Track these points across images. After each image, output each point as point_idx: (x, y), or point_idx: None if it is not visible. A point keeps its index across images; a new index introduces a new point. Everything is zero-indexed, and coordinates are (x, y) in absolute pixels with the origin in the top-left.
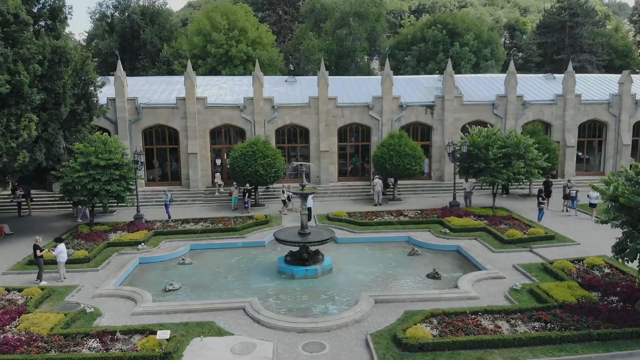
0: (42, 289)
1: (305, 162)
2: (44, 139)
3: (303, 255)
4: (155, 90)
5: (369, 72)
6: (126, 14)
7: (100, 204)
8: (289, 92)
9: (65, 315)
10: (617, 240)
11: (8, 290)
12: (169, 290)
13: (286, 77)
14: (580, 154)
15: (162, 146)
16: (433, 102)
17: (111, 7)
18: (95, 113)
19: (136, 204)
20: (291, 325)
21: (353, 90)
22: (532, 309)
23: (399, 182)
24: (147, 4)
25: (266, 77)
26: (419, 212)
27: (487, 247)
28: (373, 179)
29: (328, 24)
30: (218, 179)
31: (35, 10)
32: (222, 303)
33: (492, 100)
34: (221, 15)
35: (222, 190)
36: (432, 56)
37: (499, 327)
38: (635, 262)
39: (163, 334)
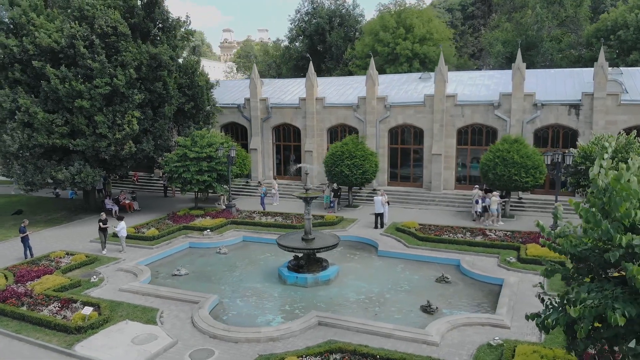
0: (87, 256)
1: (308, 164)
2: (152, 132)
3: (300, 262)
4: (289, 91)
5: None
6: (314, 20)
7: (197, 191)
8: (417, 89)
9: (70, 280)
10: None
11: (67, 254)
12: (175, 275)
13: (421, 73)
14: None
15: (288, 143)
16: (579, 100)
17: (305, 13)
18: (212, 110)
19: (228, 194)
20: (208, 329)
21: (484, 86)
22: None
23: (529, 196)
24: (334, 8)
25: (399, 75)
26: (509, 234)
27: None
28: (473, 189)
29: (519, 13)
30: None
31: (151, 24)
32: (184, 295)
33: None
34: (391, 14)
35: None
36: (635, 45)
37: None
38: None
39: (86, 311)
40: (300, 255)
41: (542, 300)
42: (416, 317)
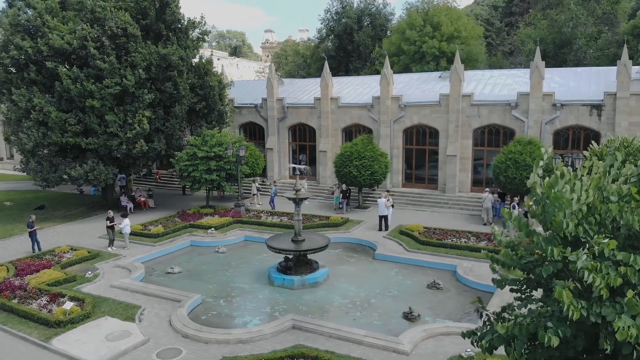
0: (89, 252)
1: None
2: (164, 131)
3: (289, 264)
4: (308, 91)
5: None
6: (343, 19)
7: (207, 189)
8: (435, 89)
9: (66, 275)
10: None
11: (71, 249)
12: (168, 272)
13: (440, 72)
14: None
15: (303, 143)
16: (601, 100)
17: (334, 13)
18: (224, 110)
19: (238, 193)
20: (182, 328)
21: (505, 85)
22: None
23: None
24: (364, 7)
25: (418, 74)
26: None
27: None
28: (483, 192)
29: (554, 11)
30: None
31: (162, 25)
32: (169, 293)
33: None
34: (418, 12)
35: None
36: None
37: None
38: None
39: (67, 306)
40: (290, 256)
41: (481, 316)
42: (396, 324)
